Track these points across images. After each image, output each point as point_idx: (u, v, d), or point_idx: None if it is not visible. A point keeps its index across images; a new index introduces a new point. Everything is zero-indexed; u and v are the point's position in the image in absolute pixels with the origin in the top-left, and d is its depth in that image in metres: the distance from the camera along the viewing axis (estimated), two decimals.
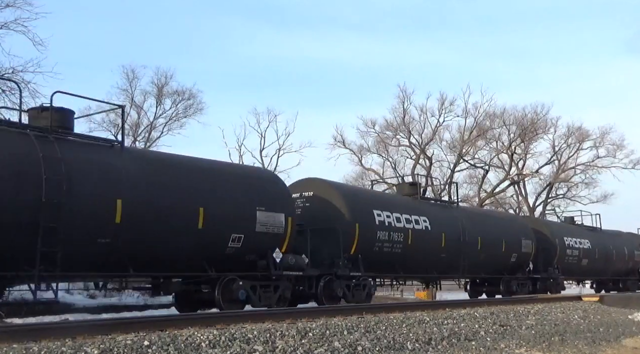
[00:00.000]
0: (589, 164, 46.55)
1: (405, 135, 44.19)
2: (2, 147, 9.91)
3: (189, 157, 13.21)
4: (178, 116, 36.53)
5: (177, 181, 11.98)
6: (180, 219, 11.70)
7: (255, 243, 12.93)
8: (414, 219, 17.19)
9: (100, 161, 11.06)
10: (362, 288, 15.56)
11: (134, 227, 10.94)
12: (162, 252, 11.58)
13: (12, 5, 23.34)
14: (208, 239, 12.16)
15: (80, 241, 10.33)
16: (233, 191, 12.93)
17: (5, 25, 23.56)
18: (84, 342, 6.57)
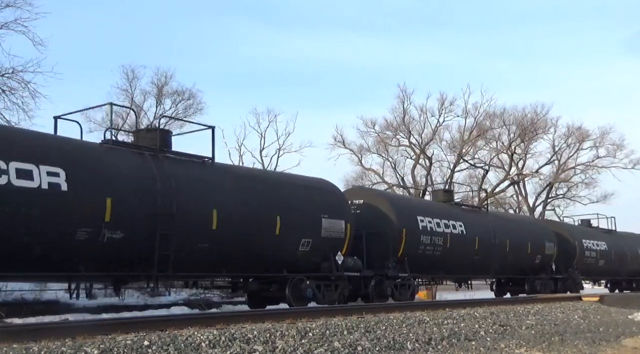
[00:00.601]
0: (589, 164, 46.55)
1: (405, 135, 44.19)
2: (128, 166, 11.54)
3: (264, 171, 15.97)
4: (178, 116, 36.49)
5: (258, 193, 13.70)
6: (262, 227, 13.34)
7: (320, 247, 14.51)
8: (452, 224, 18.72)
9: (198, 176, 12.74)
10: (407, 288, 16.96)
11: (226, 233, 12.49)
12: (247, 255, 13.18)
13: (12, 5, 23.36)
14: (283, 244, 13.78)
15: (186, 246, 11.90)
16: (302, 201, 14.59)
17: (5, 25, 23.57)
18: (84, 342, 6.57)
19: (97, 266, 11.01)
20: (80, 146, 11.67)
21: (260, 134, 42.14)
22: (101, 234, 10.66)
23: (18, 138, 10.76)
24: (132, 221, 11.10)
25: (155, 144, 12.46)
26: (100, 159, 11.27)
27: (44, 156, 10.23)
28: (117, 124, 34.11)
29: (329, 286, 14.64)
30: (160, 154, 12.37)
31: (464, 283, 22.10)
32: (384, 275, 16.11)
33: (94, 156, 11.32)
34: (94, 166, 11.01)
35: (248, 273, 13.73)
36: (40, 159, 10.11)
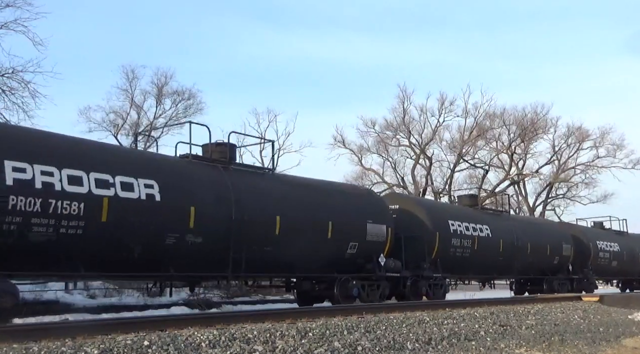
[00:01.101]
0: (589, 164, 46.55)
1: (405, 135, 44.21)
2: (206, 178, 12.92)
3: (317, 180, 16.48)
4: (178, 116, 36.46)
5: (313, 200, 15.01)
6: (317, 231, 14.58)
7: (365, 249, 15.75)
8: (479, 227, 20.08)
9: (262, 186, 14.16)
10: (439, 287, 18.22)
11: (287, 238, 13.71)
12: (303, 257, 14.43)
13: (12, 5, 23.34)
14: (334, 247, 15.06)
15: (254, 249, 13.13)
16: (350, 208, 15.94)
17: (5, 25, 23.56)
18: (84, 342, 6.57)
19: (182, 267, 12.32)
20: (168, 160, 13.33)
21: (260, 134, 42.14)
22: (186, 239, 12.00)
23: (122, 155, 12.53)
24: (210, 227, 12.40)
25: (224, 157, 13.90)
26: (184, 172, 12.71)
27: (142, 171, 11.68)
28: (117, 124, 34.19)
29: (372, 285, 15.89)
30: (230, 166, 13.88)
31: (487, 283, 23.61)
32: (419, 275, 17.46)
33: (179, 169, 12.81)
34: (180, 178, 12.42)
35: (303, 274, 14.98)
36: (139, 173, 11.55)
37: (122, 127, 34.13)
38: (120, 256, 11.17)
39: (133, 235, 11.19)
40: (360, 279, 15.52)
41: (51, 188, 10.10)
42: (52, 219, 10.08)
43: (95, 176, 10.77)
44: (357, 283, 15.34)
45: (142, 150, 13.13)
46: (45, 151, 10.53)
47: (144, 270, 11.84)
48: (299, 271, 14.78)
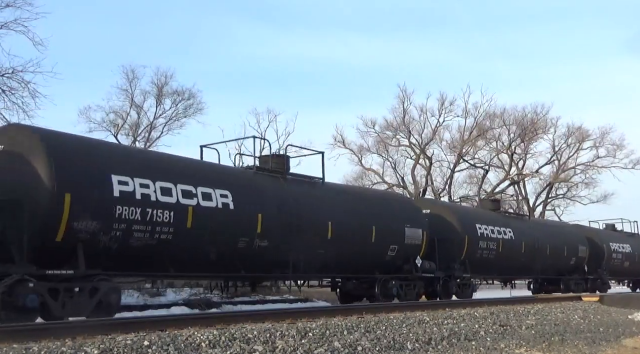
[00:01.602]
0: (589, 164, 46.51)
1: (405, 135, 44.17)
2: (271, 187, 14.29)
3: (361, 188, 19.18)
4: (178, 116, 36.43)
5: (359, 207, 16.34)
6: (362, 235, 15.87)
7: (403, 252, 17.06)
8: (503, 230, 21.49)
9: (315, 194, 15.55)
10: (467, 287, 19.57)
11: (337, 241, 15.02)
12: (350, 259, 15.71)
13: (12, 5, 23.30)
14: (376, 250, 16.38)
15: (310, 252, 14.41)
16: (391, 213, 17.20)
17: (5, 25, 23.54)
18: (84, 342, 6.57)
19: (251, 268, 13.67)
20: (238, 172, 14.81)
21: (260, 134, 42.12)
22: (254, 243, 13.31)
23: (201, 167, 13.79)
24: (274, 232, 13.68)
25: (281, 167, 15.14)
26: (251, 183, 14.10)
27: (218, 182, 13.04)
28: (117, 124, 34.17)
29: (408, 285, 17.19)
30: (286, 176, 15.18)
31: (508, 282, 25.29)
32: (450, 275, 18.76)
33: (247, 180, 14.16)
34: (249, 188, 13.78)
35: (350, 274, 16.45)
36: (216, 184, 12.88)
37: (122, 127, 34.11)
38: (200, 258, 12.52)
39: (211, 240, 12.54)
40: (398, 280, 16.87)
41: (148, 199, 11.43)
42: (149, 226, 11.40)
43: (181, 187, 12.12)
44: (396, 282, 16.71)
45: (217, 163, 14.65)
46: (142, 165, 12.05)
47: (219, 271, 13.38)
48: (345, 272, 16.25)
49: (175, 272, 12.52)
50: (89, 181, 10.74)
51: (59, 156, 10.47)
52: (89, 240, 10.56)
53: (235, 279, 14.57)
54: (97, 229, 10.64)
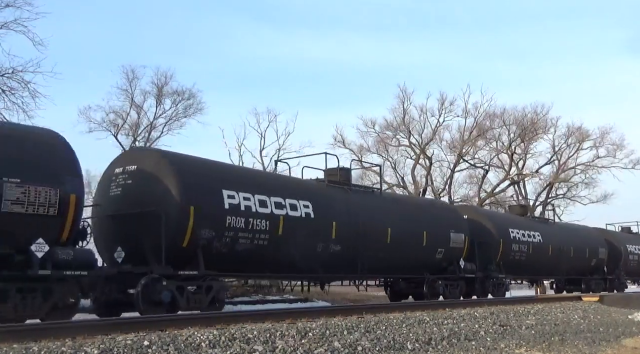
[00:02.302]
0: (589, 164, 46.44)
1: (405, 135, 44.13)
2: (340, 198, 16.13)
3: (413, 197, 21.32)
4: (178, 116, 36.41)
5: (412, 214, 18.29)
6: (415, 240, 17.71)
7: (449, 254, 18.89)
8: (532, 234, 23.30)
9: (375, 203, 17.38)
10: (502, 286, 21.25)
11: (395, 245, 16.84)
12: (404, 261, 17.52)
13: (12, 5, 23.27)
14: (426, 253, 18.19)
15: (372, 255, 16.12)
16: (438, 219, 19.02)
17: (5, 25, 23.51)
18: (84, 342, 6.57)
19: (327, 269, 15.46)
20: (315, 184, 16.51)
21: (260, 134, 42.08)
22: (329, 247, 15.09)
23: (288, 181, 15.97)
24: (345, 237, 15.42)
25: (346, 180, 17.16)
26: (326, 194, 15.91)
27: (301, 194, 14.84)
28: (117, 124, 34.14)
29: (452, 284, 18.91)
30: (350, 187, 17.15)
31: (535, 282, 27.89)
32: (487, 276, 20.53)
33: (323, 191, 15.98)
34: (325, 199, 15.55)
35: (403, 274, 18.31)
36: (299, 196, 14.68)
37: (122, 127, 34.10)
38: (287, 261, 14.17)
39: (296, 245, 14.21)
40: (444, 280, 18.69)
41: (250, 210, 13.32)
42: (250, 233, 13.25)
43: (274, 199, 13.99)
44: (442, 282, 18.53)
45: (299, 177, 16.80)
46: (244, 181, 13.99)
47: (301, 272, 15.23)
48: (400, 272, 18.13)
49: (269, 273, 14.81)
50: (206, 195, 12.71)
51: (184, 175, 12.49)
52: (206, 245, 12.47)
53: (315, 279, 16.66)
54: (212, 236, 12.56)
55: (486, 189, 45.40)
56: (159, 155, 13.12)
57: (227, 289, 13.67)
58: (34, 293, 9.98)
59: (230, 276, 14.85)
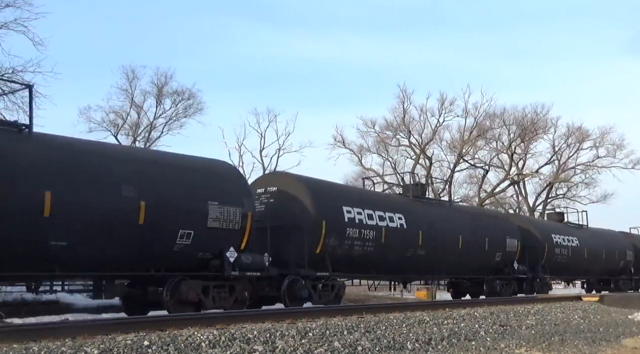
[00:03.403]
0: (589, 164, 46.53)
1: (405, 135, 44.21)
2: (421, 209, 19.01)
3: (475, 207, 23.53)
4: (178, 116, 36.56)
5: (476, 223, 21.35)
6: (479, 245, 20.63)
7: (505, 257, 21.93)
8: (570, 239, 26.38)
9: (446, 214, 20.24)
10: (546, 285, 24.10)
11: (464, 250, 19.78)
12: (470, 264, 20.56)
13: (12, 5, 23.31)
14: (488, 256, 21.23)
15: (446, 259, 19.33)
16: (496, 227, 22.10)
17: (5, 25, 23.54)
18: (84, 342, 6.57)
19: (413, 271, 18.85)
20: (404, 199, 19.54)
21: (260, 134, 42.24)
22: (416, 252, 18.04)
23: (385, 197, 20.23)
24: (428, 244, 18.28)
25: (423, 194, 20.29)
26: (412, 207, 18.81)
27: (395, 208, 17.98)
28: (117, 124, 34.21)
29: (507, 284, 22.06)
30: (425, 200, 20.19)
31: (570, 282, 31.11)
32: (535, 276, 23.43)
33: (410, 205, 18.97)
34: (412, 211, 18.40)
35: (468, 275, 21.31)
36: (395, 209, 17.76)
37: (122, 127, 34.15)
38: (386, 264, 17.40)
39: (392, 251, 17.24)
40: (501, 280, 21.59)
41: (362, 222, 16.35)
42: (362, 241, 16.31)
43: (378, 213, 16.96)
44: (499, 282, 21.47)
45: (391, 194, 20.99)
46: (356, 198, 17.13)
47: (395, 273, 18.63)
48: (465, 273, 21.05)
49: (375, 274, 17.93)
50: (332, 211, 15.70)
51: (316, 196, 15.55)
52: (331, 252, 15.53)
53: (406, 280, 19.98)
54: (336, 244, 15.64)
55: (486, 189, 45.45)
56: (295, 179, 16.46)
57: (344, 287, 16.56)
58: (224, 289, 12.94)
59: (348, 276, 17.72)
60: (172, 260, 12.29)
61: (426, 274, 19.98)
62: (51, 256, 10.52)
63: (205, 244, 12.50)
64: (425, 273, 19.49)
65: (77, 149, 11.66)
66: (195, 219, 12.38)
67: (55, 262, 10.69)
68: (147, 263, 11.99)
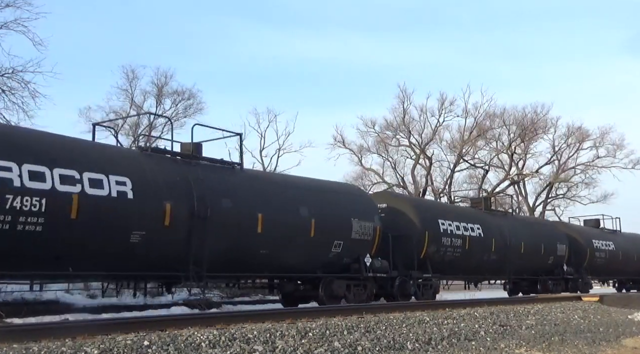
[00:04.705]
0: (589, 164, 46.53)
1: (405, 135, 44.20)
2: (493, 220, 22.33)
3: (531, 216, 30.48)
4: (178, 116, 36.51)
5: (534, 230, 24.68)
6: (536, 250, 23.69)
7: (556, 260, 25.06)
8: (607, 243, 29.19)
9: (511, 222, 23.40)
10: (588, 285, 27.13)
11: (526, 255, 23.00)
12: (529, 266, 23.50)
13: (12, 5, 23.35)
14: (543, 260, 24.33)
15: (513, 262, 22.23)
16: (549, 234, 25.32)
17: (5, 25, 23.56)
18: (84, 342, 6.57)
19: (487, 273, 22.39)
20: (479, 212, 22.49)
21: (260, 134, 42.19)
22: (490, 257, 21.09)
23: (470, 211, 22.84)
24: (498, 250, 21.40)
25: (488, 206, 23.38)
26: (486, 218, 21.94)
27: (475, 219, 21.16)
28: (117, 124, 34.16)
29: (557, 283, 25.06)
30: (495, 212, 23.95)
31: (605, 282, 34.04)
32: (579, 277, 26.48)
33: (484, 216, 22.07)
34: (486, 222, 21.51)
35: (528, 275, 24.20)
36: (475, 221, 20.98)
37: (122, 127, 34.13)
38: (468, 267, 20.58)
39: (473, 256, 20.37)
40: (552, 279, 24.76)
41: (452, 232, 19.52)
42: (452, 248, 19.39)
43: (462, 224, 20.09)
44: (552, 282, 24.59)
45: (466, 206, 24.78)
46: (447, 212, 20.77)
47: (475, 274, 21.98)
48: (524, 274, 23.92)
49: (461, 275, 21.40)
50: (431, 223, 18.73)
51: (420, 211, 18.95)
52: (431, 257, 18.52)
53: (482, 279, 23.66)
54: (434, 251, 18.63)
55: (486, 189, 45.42)
56: (401, 198, 23.05)
57: (439, 286, 19.60)
58: (360, 287, 15.97)
59: (443, 277, 20.15)
60: (326, 264, 15.47)
61: (497, 275, 23.53)
62: (258, 261, 13.77)
63: (349, 251, 15.76)
64: (496, 273, 23.08)
65: (269, 179, 16.30)
66: (344, 232, 15.72)
67: (261, 266, 14.00)
68: (312, 267, 15.19)
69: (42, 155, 10.37)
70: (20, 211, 9.74)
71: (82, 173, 10.69)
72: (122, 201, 11.11)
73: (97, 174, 10.92)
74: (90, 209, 10.62)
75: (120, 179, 11.21)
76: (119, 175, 11.22)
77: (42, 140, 11.12)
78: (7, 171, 9.76)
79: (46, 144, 10.96)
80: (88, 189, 10.68)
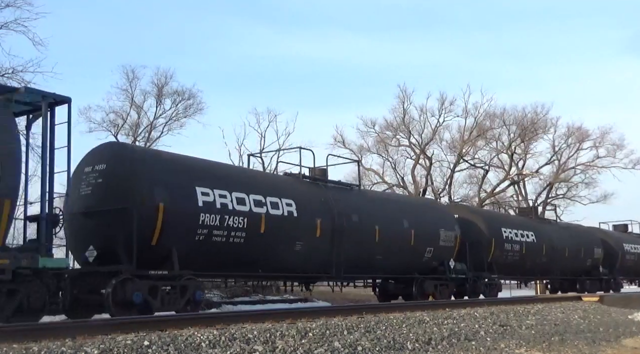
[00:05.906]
0: (589, 164, 46.47)
1: (405, 135, 44.14)
2: (540, 227, 25.33)
3: (571, 223, 32.14)
4: (178, 116, 36.42)
5: (575, 236, 27.46)
6: (577, 254, 26.53)
7: (593, 262, 28.03)
8: (636, 247, 32.26)
9: (557, 230, 26.46)
10: (619, 284, 30.43)
11: (570, 257, 26.01)
12: (566, 267, 26.12)
13: (12, 5, 23.28)
14: (581, 262, 27.15)
15: (557, 263, 25.24)
16: (588, 239, 28.23)
17: (5, 25, 23.51)
18: (84, 342, 6.57)
19: (538, 273, 25.33)
20: (530, 219, 25.63)
21: (260, 134, 42.11)
22: (541, 260, 24.04)
23: (527, 221, 25.53)
24: (547, 253, 24.47)
25: (537, 214, 27.51)
26: (537, 225, 24.95)
27: (530, 228, 24.31)
28: (117, 124, 34.16)
29: (593, 282, 27.71)
30: (544, 220, 27.54)
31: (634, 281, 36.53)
32: (612, 278, 29.60)
33: (535, 223, 25.38)
34: (538, 229, 24.66)
35: (567, 277, 27.18)
36: (529, 228, 24.13)
37: (122, 127, 34.11)
38: (524, 268, 23.64)
39: (528, 259, 23.24)
40: (589, 280, 27.45)
41: (512, 239, 22.49)
42: (512, 252, 22.44)
43: (519, 231, 23.10)
44: (589, 282, 27.34)
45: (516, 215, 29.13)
46: (507, 221, 24.09)
47: (529, 275, 25.07)
48: (565, 275, 26.49)
49: (519, 275, 24.56)
50: (496, 232, 21.75)
51: (487, 221, 22.12)
52: (496, 260, 21.55)
53: (534, 279, 27.29)
54: (499, 255, 21.83)
55: (486, 189, 45.40)
56: (469, 209, 24.79)
57: (501, 285, 22.39)
58: (444, 286, 18.78)
59: (504, 278, 22.97)
60: (420, 267, 18.25)
61: (546, 275, 26.49)
62: (375, 265, 16.81)
63: (437, 256, 18.65)
64: (545, 274, 26.05)
65: (379, 197, 20.51)
66: (434, 240, 18.54)
67: (376, 268, 17.16)
68: (411, 269, 17.97)
69: (242, 185, 13.63)
70: (232, 227, 12.90)
71: (266, 197, 13.87)
72: (290, 218, 14.26)
73: (274, 198, 14.12)
74: (271, 224, 13.70)
75: (288, 201, 14.39)
76: (287, 198, 14.40)
77: (241, 173, 15.66)
78: (224, 198, 12.90)
79: (243, 176, 14.80)
80: (270, 209, 13.82)
